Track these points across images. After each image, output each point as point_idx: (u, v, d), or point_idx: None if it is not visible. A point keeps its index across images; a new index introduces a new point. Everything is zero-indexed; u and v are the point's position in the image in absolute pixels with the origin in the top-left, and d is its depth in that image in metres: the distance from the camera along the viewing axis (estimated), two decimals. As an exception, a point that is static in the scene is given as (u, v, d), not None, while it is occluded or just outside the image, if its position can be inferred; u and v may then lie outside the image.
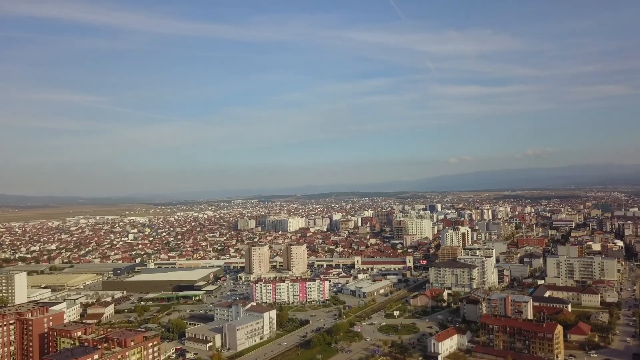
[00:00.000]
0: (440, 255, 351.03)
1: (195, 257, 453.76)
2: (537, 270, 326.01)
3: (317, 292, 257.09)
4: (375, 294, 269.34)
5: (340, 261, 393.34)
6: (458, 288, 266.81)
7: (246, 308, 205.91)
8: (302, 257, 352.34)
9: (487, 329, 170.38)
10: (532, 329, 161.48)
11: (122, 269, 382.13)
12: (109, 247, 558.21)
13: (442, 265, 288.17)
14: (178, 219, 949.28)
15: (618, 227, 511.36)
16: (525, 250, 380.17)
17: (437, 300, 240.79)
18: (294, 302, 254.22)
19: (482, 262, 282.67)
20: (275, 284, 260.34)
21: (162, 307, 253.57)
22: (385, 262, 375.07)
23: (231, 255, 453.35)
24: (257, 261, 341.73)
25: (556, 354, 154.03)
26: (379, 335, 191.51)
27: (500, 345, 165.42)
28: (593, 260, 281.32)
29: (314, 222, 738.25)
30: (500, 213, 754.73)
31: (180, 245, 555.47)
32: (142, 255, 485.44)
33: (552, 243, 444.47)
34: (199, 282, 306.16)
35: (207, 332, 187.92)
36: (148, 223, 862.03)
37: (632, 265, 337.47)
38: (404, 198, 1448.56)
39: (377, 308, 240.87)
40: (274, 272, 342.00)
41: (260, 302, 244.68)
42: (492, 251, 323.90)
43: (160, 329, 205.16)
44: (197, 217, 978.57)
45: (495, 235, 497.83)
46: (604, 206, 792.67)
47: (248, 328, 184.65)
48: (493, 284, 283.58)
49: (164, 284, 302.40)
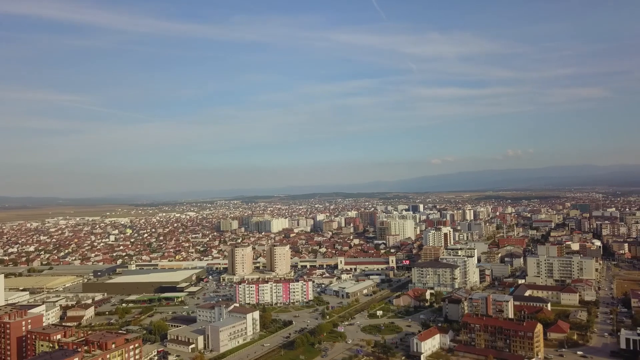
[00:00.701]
0: (422, 256, 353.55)
1: (178, 259, 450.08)
2: (518, 269, 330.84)
3: (300, 293, 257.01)
4: (358, 294, 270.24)
5: (324, 262, 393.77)
6: (440, 288, 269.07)
7: (229, 309, 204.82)
8: (286, 258, 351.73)
9: (468, 328, 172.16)
10: (513, 327, 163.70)
11: (103, 271, 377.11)
12: (89, 248, 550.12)
13: (425, 265, 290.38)
14: (160, 220, 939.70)
15: (596, 227, 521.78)
16: (506, 250, 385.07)
17: (419, 300, 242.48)
18: (278, 303, 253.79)
19: (464, 262, 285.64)
20: (259, 285, 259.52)
21: (143, 309, 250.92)
22: (369, 263, 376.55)
23: (214, 257, 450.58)
24: (240, 262, 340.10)
25: (536, 352, 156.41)
26: (362, 335, 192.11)
27: (481, 344, 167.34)
28: (572, 260, 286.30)
29: (298, 222, 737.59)
30: (482, 213, 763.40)
31: (162, 246, 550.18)
32: (124, 256, 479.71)
33: (532, 243, 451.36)
34: (182, 284, 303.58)
35: (190, 333, 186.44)
36: (129, 224, 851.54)
37: (610, 265, 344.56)
38: (387, 199, 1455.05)
39: (360, 308, 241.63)
40: (257, 273, 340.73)
41: (243, 304, 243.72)
42: (473, 251, 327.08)
43: (141, 331, 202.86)
44: (180, 218, 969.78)
45: (476, 236, 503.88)
46: (582, 206, 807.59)
47: (231, 329, 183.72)
48: (475, 283, 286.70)
49: (145, 285, 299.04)
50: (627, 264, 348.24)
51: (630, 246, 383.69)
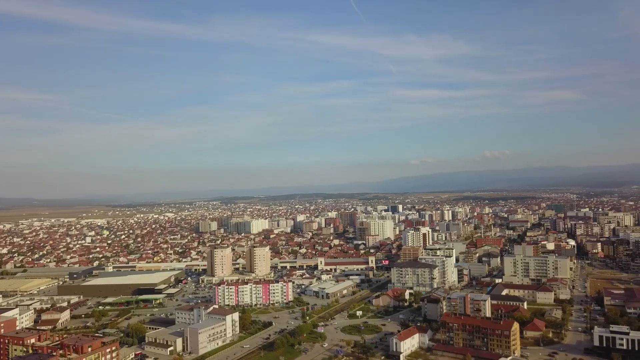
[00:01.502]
0: (402, 256, 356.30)
1: (156, 260, 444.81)
2: (495, 269, 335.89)
3: (280, 294, 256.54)
4: (338, 295, 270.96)
5: (304, 262, 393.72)
6: (419, 287, 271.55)
7: (208, 311, 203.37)
8: (266, 259, 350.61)
9: (447, 327, 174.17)
10: (490, 326, 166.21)
11: (79, 273, 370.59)
12: (64, 250, 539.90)
13: (404, 265, 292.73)
14: (138, 221, 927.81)
15: (570, 227, 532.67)
16: (483, 250, 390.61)
17: (399, 300, 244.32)
18: (257, 304, 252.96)
19: (442, 261, 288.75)
20: (238, 286, 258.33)
21: (121, 311, 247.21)
22: (349, 263, 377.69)
23: (193, 258, 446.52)
24: (220, 263, 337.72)
25: (513, 350, 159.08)
26: (342, 335, 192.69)
27: (460, 343, 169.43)
28: (547, 259, 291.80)
29: (278, 223, 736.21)
30: (460, 214, 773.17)
31: (140, 247, 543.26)
32: (100, 258, 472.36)
33: (509, 243, 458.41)
34: (160, 286, 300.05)
35: (168, 336, 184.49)
36: (106, 225, 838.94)
37: (583, 264, 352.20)
38: (366, 199, 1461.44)
39: (340, 309, 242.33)
40: (237, 275, 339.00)
41: (222, 305, 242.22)
42: (452, 251, 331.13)
43: (119, 333, 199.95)
44: (158, 219, 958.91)
45: (455, 236, 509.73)
46: (557, 207, 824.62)
47: (210, 331, 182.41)
48: (453, 283, 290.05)
49: (123, 287, 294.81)
50: (600, 263, 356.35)
51: (603, 245, 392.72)
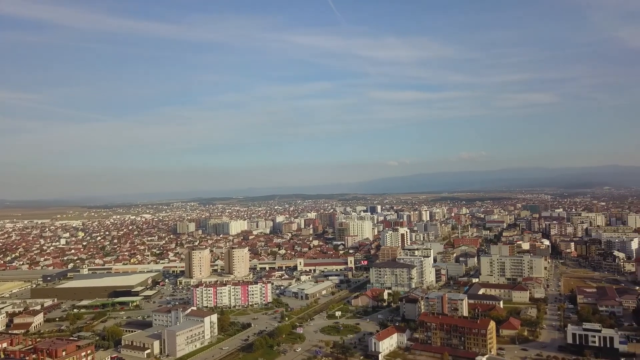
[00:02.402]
0: (380, 256, 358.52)
1: (133, 262, 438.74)
2: (472, 269, 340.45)
3: (259, 295, 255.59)
4: (317, 295, 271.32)
5: (283, 263, 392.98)
6: (398, 287, 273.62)
7: (186, 313, 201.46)
8: (244, 260, 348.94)
9: (425, 326, 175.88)
10: (467, 325, 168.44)
11: (53, 276, 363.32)
12: (38, 252, 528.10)
13: (383, 266, 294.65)
14: (114, 223, 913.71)
15: (545, 227, 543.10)
16: (460, 250, 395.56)
17: (377, 300, 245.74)
18: (236, 306, 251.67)
19: (420, 262, 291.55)
20: (217, 287, 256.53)
21: (96, 314, 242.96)
22: (328, 264, 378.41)
23: (170, 260, 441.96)
24: (198, 265, 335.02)
25: (489, 348, 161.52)
26: (321, 336, 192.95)
27: (437, 342, 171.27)
28: (522, 259, 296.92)
29: (257, 224, 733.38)
30: (438, 214, 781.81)
31: (116, 249, 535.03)
32: (75, 260, 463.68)
33: (485, 243, 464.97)
34: (137, 288, 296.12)
35: (145, 338, 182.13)
36: (81, 227, 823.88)
37: (557, 263, 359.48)
38: (345, 200, 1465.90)
39: (319, 309, 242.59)
40: (215, 276, 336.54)
41: (201, 307, 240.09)
42: (430, 251, 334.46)
43: (94, 337, 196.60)
44: (135, 221, 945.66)
45: (432, 236, 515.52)
46: (532, 207, 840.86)
47: (188, 333, 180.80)
48: (431, 283, 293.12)
49: (98, 290, 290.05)
50: (574, 262, 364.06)
51: (576, 245, 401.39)
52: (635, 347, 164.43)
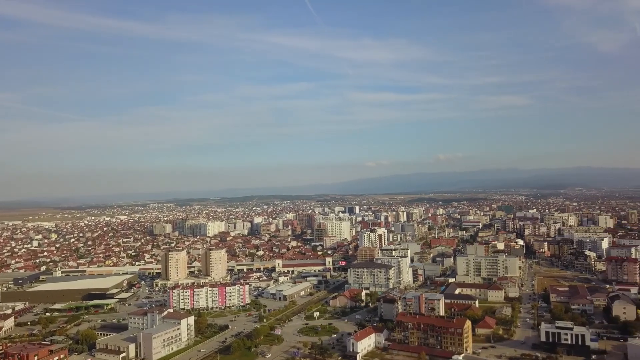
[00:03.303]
0: (358, 256, 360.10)
1: (108, 264, 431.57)
2: (449, 269, 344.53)
3: (237, 297, 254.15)
4: (295, 297, 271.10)
5: (261, 265, 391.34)
6: (376, 288, 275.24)
7: (162, 315, 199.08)
8: (222, 261, 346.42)
9: (402, 326, 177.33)
10: (444, 325, 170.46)
11: (25, 279, 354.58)
12: (9, 255, 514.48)
13: (360, 266, 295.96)
14: (88, 224, 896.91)
15: (519, 227, 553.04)
16: (437, 250, 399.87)
17: (355, 301, 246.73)
18: (214, 308, 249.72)
19: (398, 262, 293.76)
20: (194, 289, 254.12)
21: (70, 317, 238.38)
22: (306, 264, 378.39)
23: (146, 261, 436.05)
24: (174, 267, 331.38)
25: (465, 347, 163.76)
26: (299, 337, 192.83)
27: (414, 341, 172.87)
28: (498, 259, 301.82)
29: (235, 225, 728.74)
30: (415, 215, 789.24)
31: (90, 251, 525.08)
32: (48, 263, 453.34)
33: (461, 243, 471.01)
34: (112, 290, 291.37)
35: (120, 342, 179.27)
36: (54, 228, 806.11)
37: (531, 262, 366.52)
38: (324, 201, 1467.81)
39: (297, 310, 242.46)
40: (192, 278, 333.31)
41: (177, 309, 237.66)
42: (407, 251, 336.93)
43: (67, 341, 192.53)
44: (110, 222, 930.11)
45: (410, 236, 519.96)
46: (507, 208, 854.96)
47: (164, 336, 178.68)
48: (408, 283, 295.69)
49: (72, 293, 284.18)
50: (547, 262, 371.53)
51: (549, 245, 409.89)
52: (606, 344, 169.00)
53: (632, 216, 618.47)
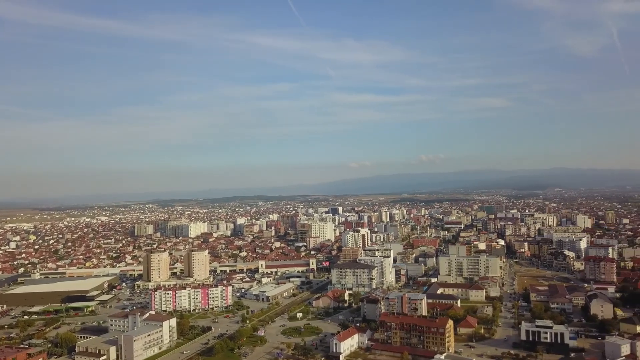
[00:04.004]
0: (341, 257, 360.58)
1: (88, 266, 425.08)
2: (431, 269, 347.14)
3: (220, 298, 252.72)
4: (279, 297, 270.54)
5: (244, 266, 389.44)
6: (359, 288, 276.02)
7: (144, 317, 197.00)
8: (204, 262, 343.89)
9: (385, 326, 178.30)
10: (426, 324, 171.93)
11: (2, 281, 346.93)
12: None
13: (344, 267, 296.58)
14: (68, 225, 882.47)
15: (500, 227, 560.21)
16: (420, 251, 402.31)
17: (339, 301, 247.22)
18: (196, 309, 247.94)
19: (380, 262, 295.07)
20: (176, 291, 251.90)
21: (49, 320, 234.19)
22: (289, 265, 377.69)
23: (128, 263, 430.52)
24: (156, 268, 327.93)
25: (447, 346, 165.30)
26: (282, 338, 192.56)
27: (397, 341, 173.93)
28: (479, 259, 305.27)
29: (217, 226, 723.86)
30: (397, 215, 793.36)
31: (70, 253, 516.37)
32: (26, 265, 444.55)
33: (443, 243, 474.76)
34: (92, 292, 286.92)
35: (101, 344, 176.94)
36: (33, 230, 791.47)
37: (512, 262, 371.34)
38: (308, 201, 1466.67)
39: (280, 311, 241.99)
40: (175, 279, 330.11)
41: (159, 311, 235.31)
42: (390, 252, 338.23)
43: (46, 344, 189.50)
44: (90, 223, 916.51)
45: (392, 237, 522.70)
46: (488, 208, 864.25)
47: (146, 338, 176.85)
48: (391, 283, 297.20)
49: (51, 295, 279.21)
50: (527, 262, 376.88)
51: (529, 245, 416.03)
52: (584, 342, 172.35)
53: (609, 216, 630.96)
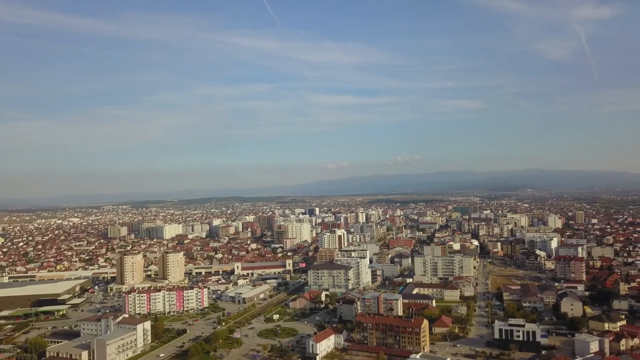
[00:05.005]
0: (318, 258, 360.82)
1: (59, 268, 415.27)
2: (407, 269, 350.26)
3: (195, 300, 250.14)
4: (255, 299, 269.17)
5: (220, 268, 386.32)
6: (335, 289, 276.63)
7: (117, 321, 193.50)
8: (179, 265, 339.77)
9: (361, 327, 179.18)
10: (402, 324, 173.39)
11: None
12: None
13: (320, 268, 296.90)
14: (38, 227, 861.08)
15: (474, 227, 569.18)
16: (395, 251, 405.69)
17: (315, 302, 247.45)
18: (171, 312, 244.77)
19: (357, 263, 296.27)
20: (150, 293, 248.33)
21: (18, 325, 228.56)
22: (266, 267, 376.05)
23: (100, 265, 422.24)
24: (130, 270, 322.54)
25: (423, 346, 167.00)
26: (258, 340, 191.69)
27: (373, 342, 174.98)
28: (454, 259, 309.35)
29: (192, 228, 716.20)
30: (373, 216, 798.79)
31: (40, 255, 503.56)
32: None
33: (419, 243, 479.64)
34: (63, 296, 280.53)
35: (72, 349, 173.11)
36: (1, 232, 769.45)
37: (485, 262, 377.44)
38: (284, 202, 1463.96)
39: (257, 313, 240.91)
40: (149, 282, 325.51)
41: (133, 314, 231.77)
42: (366, 252, 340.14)
43: (15, 349, 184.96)
44: (62, 225, 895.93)
45: (368, 237, 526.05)
46: (463, 209, 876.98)
47: (119, 342, 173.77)
48: (367, 283, 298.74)
49: (20, 299, 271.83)
50: (500, 261, 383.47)
51: (502, 245, 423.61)
52: (555, 339, 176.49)
53: (578, 217, 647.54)
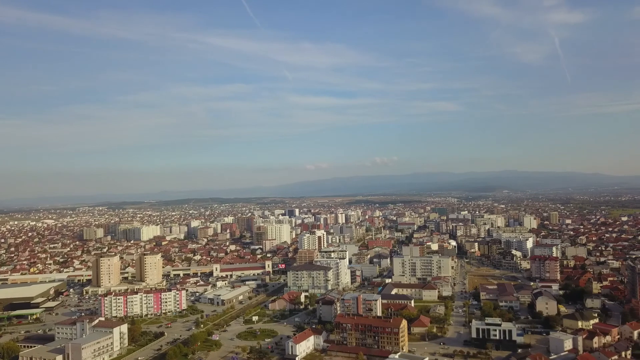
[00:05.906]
0: (298, 259, 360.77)
1: (33, 271, 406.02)
2: (385, 269, 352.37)
3: (173, 303, 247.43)
4: (234, 301, 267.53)
5: (199, 269, 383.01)
6: (315, 290, 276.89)
7: (93, 324, 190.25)
8: (157, 267, 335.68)
9: (341, 327, 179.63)
10: (381, 325, 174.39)
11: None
12: None
13: (300, 269, 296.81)
14: (11, 229, 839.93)
15: (452, 228, 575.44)
16: (374, 252, 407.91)
17: (295, 303, 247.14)
18: (149, 315, 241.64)
19: (336, 264, 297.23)
20: (127, 296, 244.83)
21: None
22: (245, 268, 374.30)
23: (76, 268, 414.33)
24: (106, 273, 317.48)
25: (401, 346, 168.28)
26: (237, 342, 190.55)
27: (353, 342, 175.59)
28: (432, 259, 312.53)
29: (170, 229, 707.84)
30: (353, 217, 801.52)
31: (13, 258, 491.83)
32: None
33: (397, 244, 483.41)
34: (37, 299, 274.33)
35: (46, 354, 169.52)
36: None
37: (463, 262, 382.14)
38: (264, 204, 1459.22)
39: (236, 315, 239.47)
40: (126, 284, 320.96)
41: (109, 317, 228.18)
42: (345, 253, 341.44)
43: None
44: (35, 227, 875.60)
45: (348, 238, 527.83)
46: (441, 210, 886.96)
47: (95, 346, 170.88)
48: (347, 284, 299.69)
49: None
50: (477, 261, 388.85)
51: (479, 245, 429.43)
52: (530, 338, 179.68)
53: (553, 217, 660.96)
